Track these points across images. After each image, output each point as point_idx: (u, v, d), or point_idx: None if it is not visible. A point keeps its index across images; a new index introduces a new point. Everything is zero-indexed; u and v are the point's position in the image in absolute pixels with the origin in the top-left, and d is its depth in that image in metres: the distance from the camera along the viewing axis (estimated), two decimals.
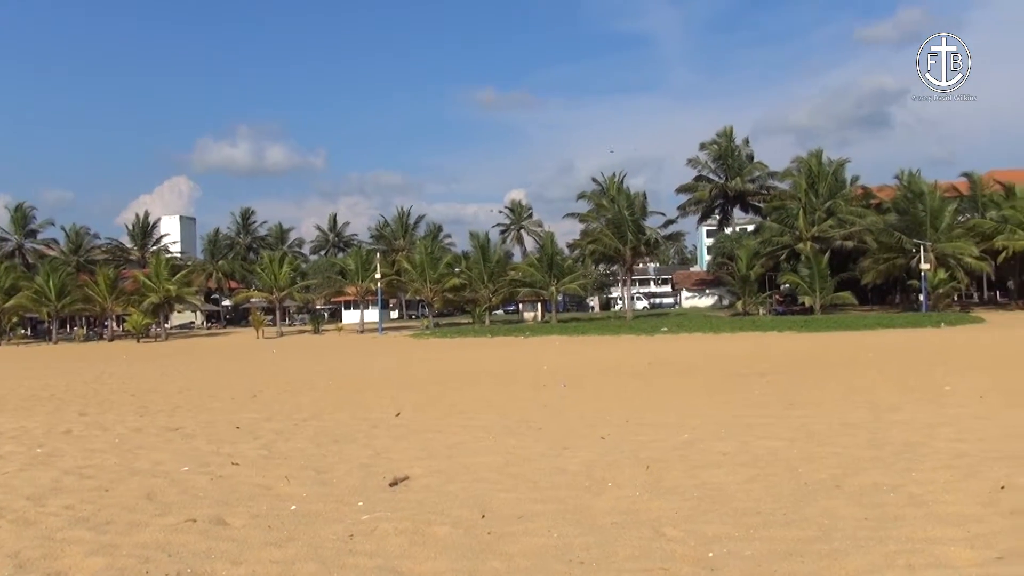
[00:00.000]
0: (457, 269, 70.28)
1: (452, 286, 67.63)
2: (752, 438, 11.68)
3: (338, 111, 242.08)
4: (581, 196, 72.73)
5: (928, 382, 19.17)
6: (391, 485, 9.26)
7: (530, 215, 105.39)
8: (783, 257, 67.06)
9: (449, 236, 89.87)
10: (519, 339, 51.20)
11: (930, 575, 5.51)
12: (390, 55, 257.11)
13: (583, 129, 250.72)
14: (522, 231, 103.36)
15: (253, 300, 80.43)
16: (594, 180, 73.20)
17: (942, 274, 59.12)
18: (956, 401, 15.58)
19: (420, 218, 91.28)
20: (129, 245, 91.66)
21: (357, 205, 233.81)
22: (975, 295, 72.50)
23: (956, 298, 65.50)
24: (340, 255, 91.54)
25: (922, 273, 59.01)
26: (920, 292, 60.30)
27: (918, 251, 59.35)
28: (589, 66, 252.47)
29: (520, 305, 79.33)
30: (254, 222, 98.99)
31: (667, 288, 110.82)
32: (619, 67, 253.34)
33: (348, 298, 78.65)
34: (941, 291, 59.37)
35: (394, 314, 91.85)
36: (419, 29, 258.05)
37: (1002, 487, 7.92)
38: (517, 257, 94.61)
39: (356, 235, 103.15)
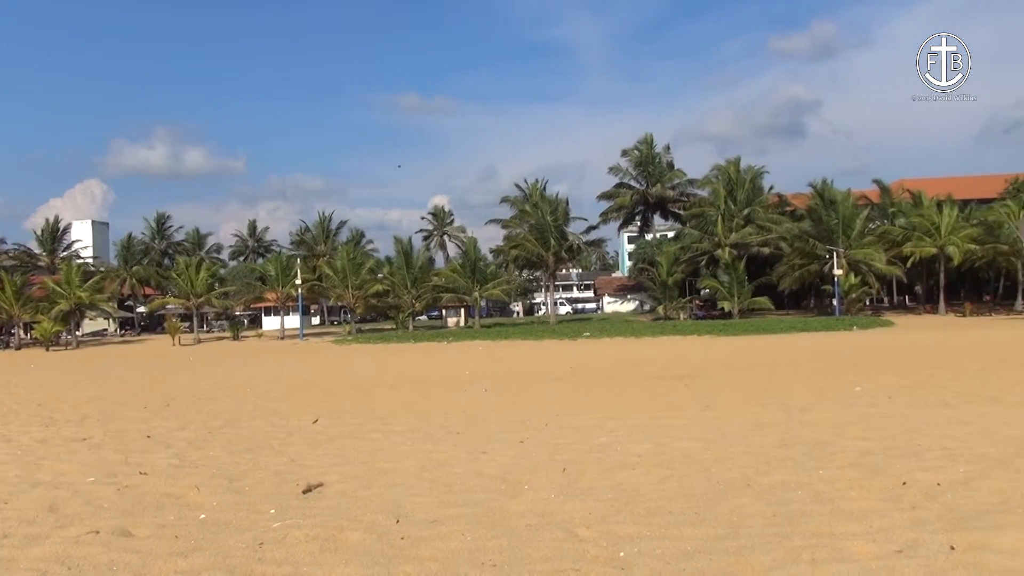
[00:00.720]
0: (380, 275, 69.73)
1: (375, 292, 67.05)
2: (668, 440, 11.83)
3: (260, 114, 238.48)
4: (504, 201, 72.95)
5: (839, 383, 19.69)
6: (304, 492, 9.11)
7: (452, 221, 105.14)
8: (703, 263, 68.21)
9: (372, 242, 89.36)
10: (442, 344, 51.04)
11: (832, 569, 5.63)
12: (314, 58, 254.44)
13: (505, 135, 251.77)
14: (445, 237, 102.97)
15: (169, 307, 78.40)
16: (517, 186, 73.45)
17: (854, 279, 60.87)
18: (865, 401, 16.04)
19: (343, 223, 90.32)
20: (38, 251, 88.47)
21: (278, 210, 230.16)
22: (885, 299, 74.91)
23: (868, 302, 67.55)
24: (260, 261, 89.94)
25: (835, 278, 60.66)
26: (833, 297, 61.96)
27: (831, 257, 60.99)
28: (510, 73, 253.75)
29: (443, 311, 79.00)
30: (170, 227, 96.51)
31: (590, 293, 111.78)
32: (540, 74, 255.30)
33: (268, 304, 77.26)
34: (853, 296, 61.14)
35: (316, 320, 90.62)
36: (343, 33, 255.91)
37: (904, 483, 8.17)
38: (440, 263, 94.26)
39: (276, 240, 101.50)
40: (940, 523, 6.64)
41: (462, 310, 76.05)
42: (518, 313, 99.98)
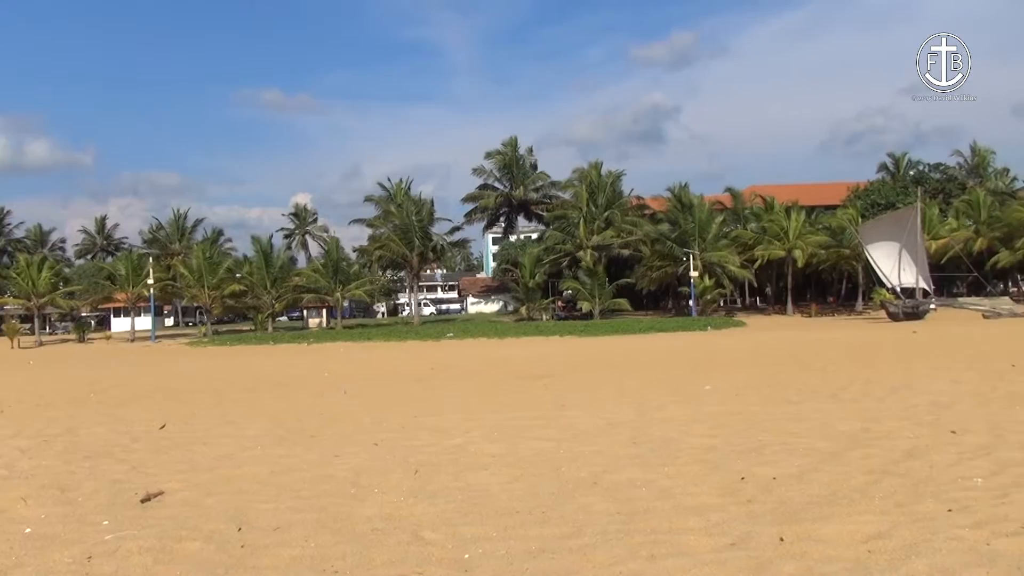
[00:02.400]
0: (238, 275, 67.83)
1: (232, 292, 65.17)
2: (522, 440, 11.90)
3: (109, 106, 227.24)
4: (368, 200, 72.27)
5: (692, 382, 20.28)
6: (143, 501, 8.70)
7: (315, 220, 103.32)
8: (565, 264, 69.38)
9: (231, 240, 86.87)
10: (302, 346, 50.01)
11: (669, 564, 5.78)
12: (170, 49, 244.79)
13: (369, 135, 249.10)
14: (307, 236, 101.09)
15: (7, 307, 73.94)
16: (381, 186, 72.95)
17: (709, 281, 63.19)
18: (715, 399, 16.55)
19: (199, 221, 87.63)
20: None
21: (130, 207, 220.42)
22: (738, 300, 78.06)
23: (722, 303, 70.30)
24: (109, 259, 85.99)
25: (691, 280, 62.78)
26: (690, 298, 64.11)
27: (688, 259, 63.08)
28: (376, 72, 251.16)
29: (305, 311, 77.53)
30: (9, 223, 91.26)
31: (454, 294, 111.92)
32: (405, 74, 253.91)
33: (118, 305, 73.93)
34: (708, 297, 63.45)
35: (169, 321, 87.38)
36: (198, 24, 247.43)
37: (742, 478, 8.48)
38: (302, 262, 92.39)
39: (127, 238, 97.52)
40: (772, 516, 6.91)
41: (324, 311, 74.80)
42: (382, 314, 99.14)
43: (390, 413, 16.29)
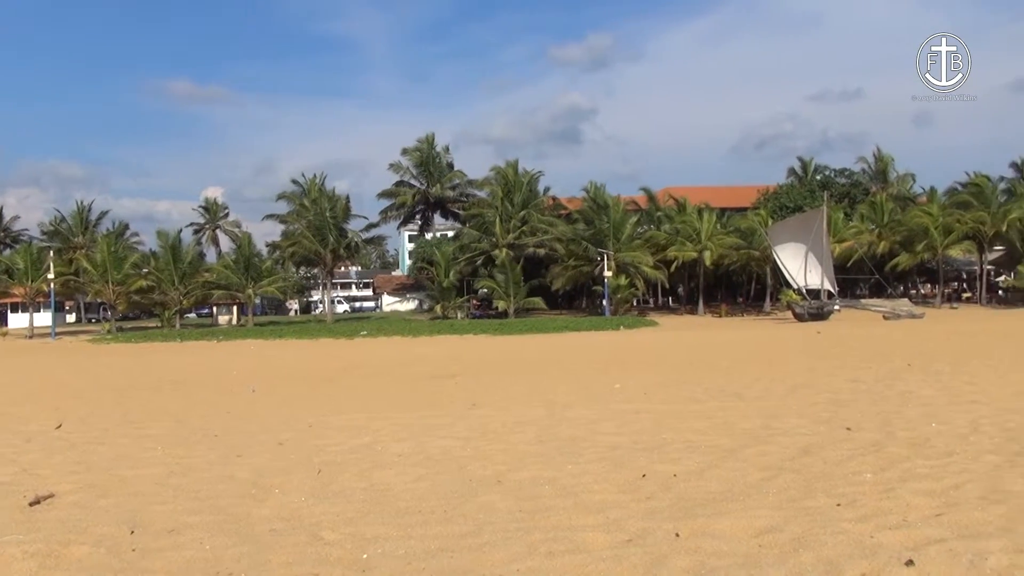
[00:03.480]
0: (145, 270, 66.00)
1: (139, 288, 63.37)
2: (431, 438, 11.86)
3: (8, 93, 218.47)
4: (281, 196, 71.10)
5: (602, 381, 20.49)
6: (31, 504, 8.38)
7: (227, 214, 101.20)
8: (480, 263, 69.45)
9: (137, 234, 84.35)
10: (211, 343, 48.94)
11: (566, 560, 5.83)
12: (70, 34, 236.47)
13: (285, 128, 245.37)
14: (218, 231, 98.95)
15: None
16: (295, 181, 71.80)
17: (623, 281, 64.02)
18: (623, 398, 16.75)
19: (104, 213, 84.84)
20: None
21: (29, 198, 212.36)
22: (651, 300, 79.26)
23: (635, 303, 71.30)
24: (7, 252, 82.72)
25: (605, 280, 63.51)
26: (604, 297, 64.84)
27: (602, 259, 63.79)
28: (291, 64, 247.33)
29: (215, 308, 75.85)
30: None
31: (369, 292, 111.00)
32: (322, 67, 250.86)
33: (15, 300, 71.14)
34: (621, 296, 64.30)
35: (71, 317, 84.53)
36: (105, 9, 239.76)
37: (644, 475, 8.61)
38: (212, 258, 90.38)
39: (27, 231, 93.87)
40: (670, 512, 7.04)
41: (235, 308, 73.33)
42: (295, 311, 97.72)
43: (298, 412, 16.07)
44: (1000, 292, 75.25)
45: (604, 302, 64.54)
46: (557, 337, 45.75)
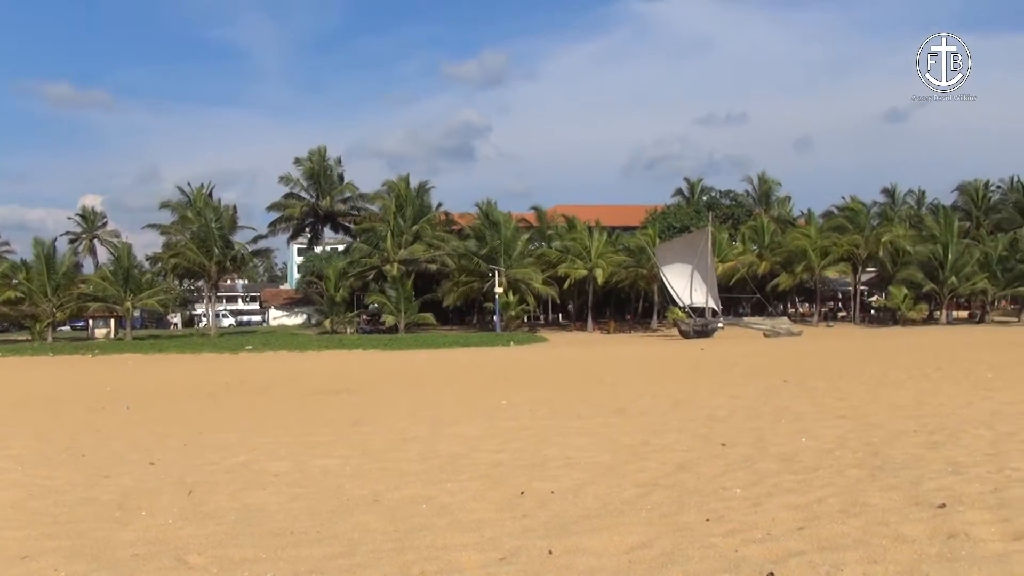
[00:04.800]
0: (15, 280, 62.84)
1: (7, 299, 60.26)
2: (310, 457, 11.64)
3: None
4: (164, 205, 68.87)
5: (489, 397, 20.51)
6: None
7: (105, 223, 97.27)
8: (371, 277, 68.74)
9: (7, 244, 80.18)
10: (86, 358, 46.93)
11: None
12: None
13: (170, 136, 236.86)
14: (96, 241, 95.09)
15: None
16: (180, 190, 69.67)
17: (514, 297, 64.38)
18: (508, 415, 16.77)
19: None
20: None
21: None
22: (541, 317, 79.87)
23: (525, 319, 71.75)
24: None
25: (496, 296, 63.74)
26: (495, 313, 65.03)
27: (494, 276, 64.01)
28: (177, 70, 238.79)
29: (91, 321, 72.75)
30: None
31: (256, 306, 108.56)
32: (211, 74, 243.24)
33: None
34: (512, 313, 64.64)
35: None
36: None
37: (522, 493, 8.63)
38: (89, 268, 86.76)
39: None
40: (545, 529, 7.05)
41: (112, 321, 70.55)
42: (176, 325, 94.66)
43: (174, 430, 15.56)
44: (872, 311, 78.67)
45: (495, 318, 64.74)
46: (447, 353, 45.66)
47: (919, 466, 9.20)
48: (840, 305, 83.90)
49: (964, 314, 76.83)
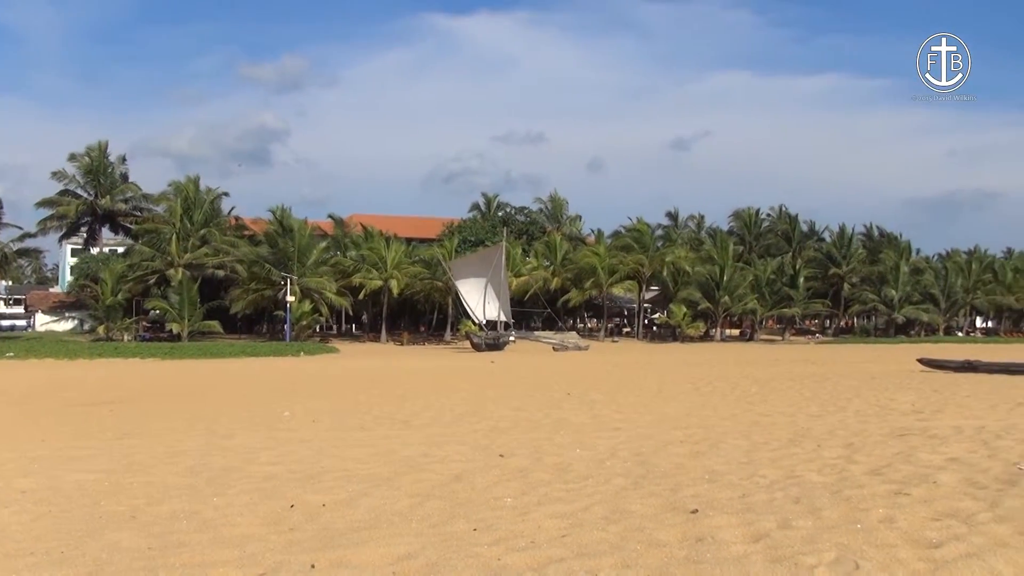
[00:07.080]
0: None
1: None
2: (66, 472, 10.84)
3: None
4: None
5: (272, 408, 19.90)
6: None
7: None
8: (153, 282, 65.25)
9: None
10: None
11: None
12: None
13: None
14: None
15: None
16: None
17: (307, 307, 62.99)
18: (289, 426, 16.36)
19: None
20: None
21: None
22: (335, 327, 78.65)
23: (318, 329, 70.42)
24: None
25: (288, 305, 62.12)
26: (285, 323, 63.35)
27: (286, 283, 62.38)
28: None
29: None
30: None
31: (20, 309, 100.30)
32: None
33: None
34: (304, 323, 63.23)
35: None
36: None
37: (292, 506, 8.39)
38: None
39: None
40: (311, 543, 6.88)
41: None
42: None
43: None
44: (654, 328, 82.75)
45: (286, 327, 63.08)
46: (233, 362, 44.05)
47: (680, 474, 9.72)
48: (625, 321, 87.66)
49: (736, 332, 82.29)
